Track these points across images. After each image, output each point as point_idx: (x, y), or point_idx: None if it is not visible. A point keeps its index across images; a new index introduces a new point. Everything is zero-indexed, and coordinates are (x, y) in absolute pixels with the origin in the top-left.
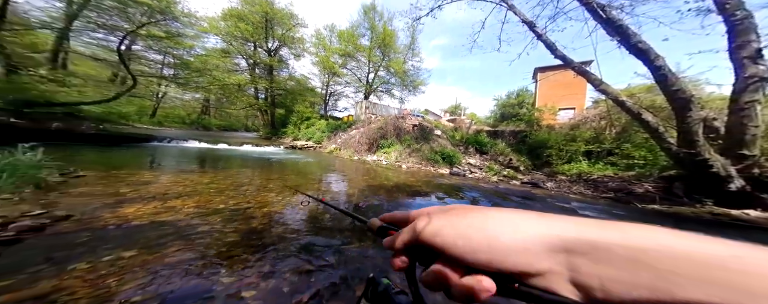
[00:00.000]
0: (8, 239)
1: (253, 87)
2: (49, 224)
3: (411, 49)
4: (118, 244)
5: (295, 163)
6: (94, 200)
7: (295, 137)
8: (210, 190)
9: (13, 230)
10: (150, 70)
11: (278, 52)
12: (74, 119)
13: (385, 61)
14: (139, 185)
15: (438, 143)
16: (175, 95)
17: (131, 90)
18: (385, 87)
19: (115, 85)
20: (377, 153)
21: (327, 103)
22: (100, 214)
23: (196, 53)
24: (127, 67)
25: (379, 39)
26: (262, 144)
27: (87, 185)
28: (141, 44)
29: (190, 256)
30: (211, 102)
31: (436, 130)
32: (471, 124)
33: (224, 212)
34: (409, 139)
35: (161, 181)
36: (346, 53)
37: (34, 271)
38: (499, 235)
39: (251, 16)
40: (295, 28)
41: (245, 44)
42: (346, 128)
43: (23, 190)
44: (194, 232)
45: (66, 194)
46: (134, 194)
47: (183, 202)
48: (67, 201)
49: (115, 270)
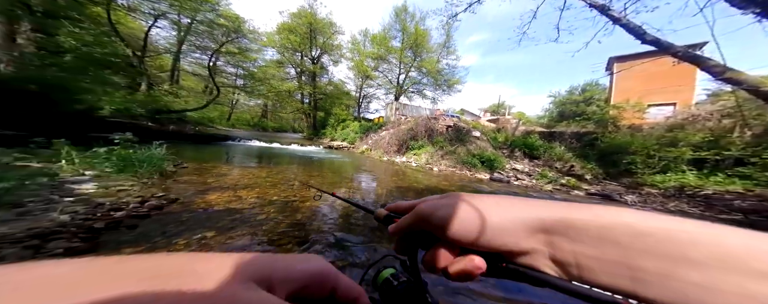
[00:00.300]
0: (143, 214)
1: (300, 93)
2: (165, 204)
3: (445, 48)
4: (204, 225)
5: (331, 162)
6: (191, 187)
7: (332, 138)
8: (266, 183)
9: (146, 208)
10: (227, 81)
11: (320, 60)
12: (182, 123)
13: (417, 62)
14: (219, 176)
15: (476, 146)
16: (244, 102)
17: (216, 98)
18: (417, 87)
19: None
20: (407, 154)
21: (360, 106)
22: (194, 199)
23: (258, 65)
24: (214, 79)
25: (411, 40)
26: (306, 144)
27: (188, 175)
28: (222, 60)
29: (251, 241)
30: (268, 107)
31: (474, 132)
32: (518, 124)
33: (276, 204)
34: (441, 140)
35: (233, 173)
36: (378, 56)
37: (154, 241)
38: (489, 216)
39: (299, 28)
40: (334, 36)
41: (294, 54)
42: (376, 129)
43: (153, 176)
44: (255, 220)
45: (176, 181)
46: (216, 183)
47: (247, 192)
48: (176, 187)
49: (200, 248)
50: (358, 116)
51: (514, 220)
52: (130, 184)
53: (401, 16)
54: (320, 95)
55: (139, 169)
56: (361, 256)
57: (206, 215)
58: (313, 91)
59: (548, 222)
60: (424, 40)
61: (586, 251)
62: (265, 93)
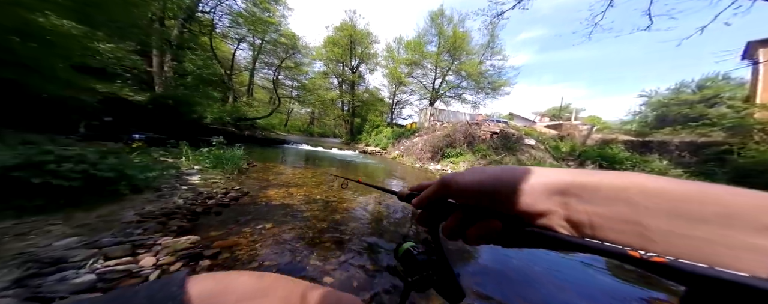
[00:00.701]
0: (225, 204)
1: (341, 101)
2: (240, 196)
3: (489, 48)
4: (264, 217)
5: (366, 166)
6: (257, 183)
7: (366, 143)
8: (312, 182)
9: (228, 198)
10: (285, 92)
11: (358, 69)
12: (253, 128)
13: (455, 65)
14: (277, 174)
15: (529, 155)
16: (297, 110)
17: (277, 107)
18: (455, 91)
19: (270, 105)
20: (442, 162)
21: (393, 112)
22: (259, 193)
23: (309, 77)
24: (276, 91)
25: (448, 43)
26: (344, 148)
27: (256, 172)
28: (282, 74)
29: (297, 235)
30: (315, 114)
31: (527, 139)
32: (591, 131)
33: (319, 203)
34: (484, 148)
35: (287, 172)
36: (412, 62)
37: (230, 227)
38: (508, 180)
39: (341, 40)
40: (371, 46)
41: (337, 65)
42: (408, 135)
43: (234, 172)
44: (301, 216)
45: (248, 177)
46: (275, 181)
47: (297, 190)
48: (248, 182)
49: (260, 237)
50: (391, 122)
51: (533, 183)
52: (219, 177)
53: (437, 21)
54: (358, 102)
55: (225, 166)
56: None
57: (266, 208)
58: (351, 98)
59: (564, 184)
60: (464, 42)
61: (599, 210)
62: (313, 102)
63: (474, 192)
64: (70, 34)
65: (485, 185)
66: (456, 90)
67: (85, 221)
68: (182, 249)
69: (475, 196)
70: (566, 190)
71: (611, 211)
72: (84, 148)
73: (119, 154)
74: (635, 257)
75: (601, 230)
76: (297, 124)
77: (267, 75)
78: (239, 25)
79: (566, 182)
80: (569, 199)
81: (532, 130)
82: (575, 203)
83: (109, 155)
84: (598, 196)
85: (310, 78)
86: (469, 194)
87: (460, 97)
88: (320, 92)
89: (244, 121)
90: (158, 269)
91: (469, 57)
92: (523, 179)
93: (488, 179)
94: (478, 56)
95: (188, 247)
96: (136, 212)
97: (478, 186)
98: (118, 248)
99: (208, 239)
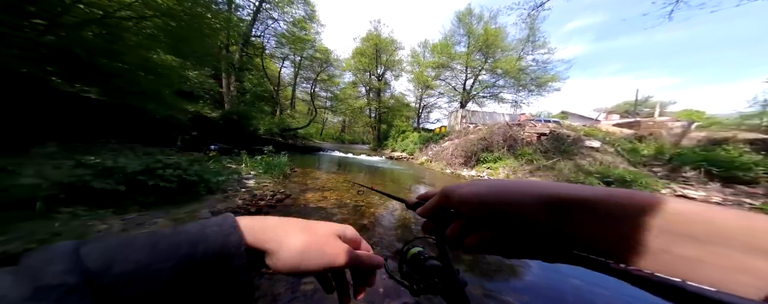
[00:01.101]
0: (272, 205)
1: (368, 108)
2: (284, 198)
3: (530, 42)
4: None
5: (392, 171)
6: (298, 186)
7: (393, 149)
8: (343, 187)
9: (274, 200)
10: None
11: (384, 76)
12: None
13: (489, 63)
14: (314, 179)
15: (593, 159)
16: (331, 119)
17: (314, 118)
18: (490, 91)
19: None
20: (477, 168)
21: (420, 116)
22: (299, 196)
23: (340, 88)
24: (313, 103)
25: (480, 41)
26: (371, 154)
27: (297, 177)
28: (318, 87)
29: None
30: (346, 122)
31: (589, 141)
32: (688, 128)
33: (349, 207)
34: (530, 152)
35: (322, 177)
36: (439, 65)
37: None
38: (506, 191)
39: (368, 50)
40: (395, 52)
41: (364, 74)
42: (437, 140)
43: (280, 176)
44: (334, 220)
45: (290, 181)
46: (312, 184)
47: (330, 194)
48: (290, 185)
49: None
50: (418, 127)
51: (527, 195)
52: (269, 181)
53: (465, 20)
54: (384, 109)
55: (273, 171)
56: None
57: (305, 210)
58: (378, 105)
59: (560, 197)
60: (497, 39)
61: (593, 225)
62: (344, 111)
63: (473, 203)
64: (172, 66)
65: (483, 196)
66: (491, 89)
67: (178, 216)
68: None
69: (474, 207)
70: (562, 203)
71: (604, 227)
72: (179, 157)
73: (200, 162)
74: (617, 269)
75: (591, 243)
76: (330, 132)
77: (305, 88)
78: (283, 45)
79: (563, 195)
80: (563, 212)
81: (596, 129)
82: (569, 217)
83: (195, 163)
84: (593, 212)
85: (341, 88)
86: (468, 205)
87: (497, 96)
88: (350, 101)
89: (289, 131)
90: None
91: (504, 54)
92: (520, 192)
93: (486, 191)
94: (516, 52)
95: None
96: (210, 210)
97: (477, 197)
98: None
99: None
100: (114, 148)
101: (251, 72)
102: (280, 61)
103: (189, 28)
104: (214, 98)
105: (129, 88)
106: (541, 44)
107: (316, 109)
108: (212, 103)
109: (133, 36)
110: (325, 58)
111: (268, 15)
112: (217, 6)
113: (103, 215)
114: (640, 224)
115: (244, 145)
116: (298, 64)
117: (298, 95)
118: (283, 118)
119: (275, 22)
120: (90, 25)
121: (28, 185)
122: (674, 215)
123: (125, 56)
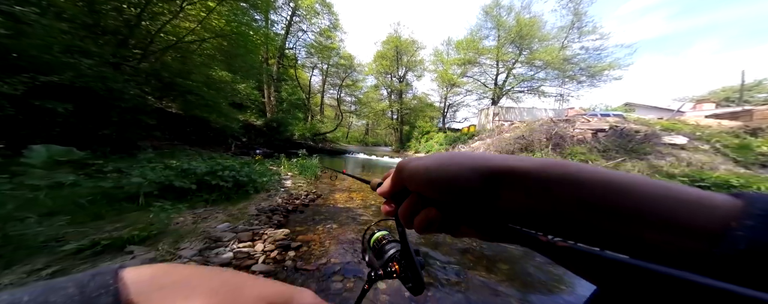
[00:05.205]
0: (306, 204)
1: (390, 110)
2: (315, 198)
3: (575, 29)
4: (332, 218)
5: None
6: (327, 187)
7: (416, 150)
8: (367, 188)
9: (307, 200)
10: (346, 108)
11: (405, 77)
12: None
13: (525, 55)
14: (341, 180)
15: (675, 159)
16: (355, 123)
17: (341, 122)
18: (528, 85)
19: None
20: None
21: (445, 116)
22: (328, 197)
23: (363, 92)
24: (340, 107)
25: (512, 33)
26: (394, 156)
27: (326, 178)
28: (343, 93)
29: (356, 237)
30: (369, 125)
31: (670, 137)
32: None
33: (372, 208)
34: (583, 151)
35: (348, 179)
36: (465, 61)
37: (308, 225)
38: (446, 165)
39: (388, 53)
40: (417, 53)
41: (386, 76)
42: (465, 140)
43: (312, 177)
44: (359, 220)
45: (321, 182)
46: (340, 186)
47: (356, 195)
48: (320, 186)
49: (329, 236)
50: (443, 127)
51: (466, 167)
52: (303, 182)
53: (493, 13)
54: (406, 110)
55: (306, 172)
56: (451, 275)
57: (334, 210)
58: (400, 107)
59: (493, 169)
60: (533, 28)
61: (523, 198)
62: (367, 114)
63: (420, 179)
64: (226, 81)
65: (431, 169)
66: (529, 83)
67: (232, 212)
68: (279, 239)
69: (421, 183)
70: (495, 175)
71: (533, 199)
72: (233, 160)
73: (249, 164)
74: (543, 241)
75: (524, 215)
76: (355, 135)
77: (332, 94)
78: (312, 55)
79: (496, 167)
80: (497, 184)
81: (680, 122)
82: (502, 189)
83: (245, 165)
84: (524, 183)
85: (364, 92)
86: (415, 181)
87: (537, 90)
88: (372, 104)
89: (319, 135)
90: (264, 254)
91: (543, 44)
92: (461, 163)
93: (433, 163)
94: (557, 41)
95: (282, 238)
96: (256, 208)
97: (424, 172)
98: (245, 234)
99: (295, 232)
100: (188, 153)
101: (287, 82)
102: (310, 70)
103: (237, 45)
104: (258, 108)
105: (197, 102)
106: (590, 30)
107: (342, 113)
108: (256, 112)
109: (197, 57)
110: (349, 64)
111: (299, 28)
112: (257, 23)
113: (180, 208)
114: (565, 195)
115: (281, 149)
116: (326, 72)
117: (326, 101)
118: (314, 123)
119: (304, 33)
120: (168, 50)
121: (136, 183)
122: (600, 187)
123: (193, 75)
